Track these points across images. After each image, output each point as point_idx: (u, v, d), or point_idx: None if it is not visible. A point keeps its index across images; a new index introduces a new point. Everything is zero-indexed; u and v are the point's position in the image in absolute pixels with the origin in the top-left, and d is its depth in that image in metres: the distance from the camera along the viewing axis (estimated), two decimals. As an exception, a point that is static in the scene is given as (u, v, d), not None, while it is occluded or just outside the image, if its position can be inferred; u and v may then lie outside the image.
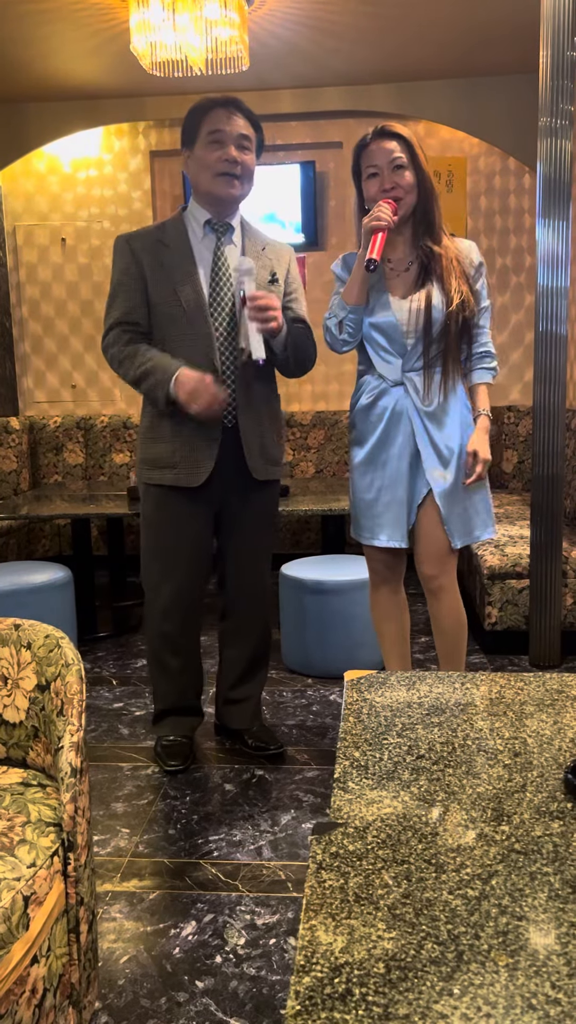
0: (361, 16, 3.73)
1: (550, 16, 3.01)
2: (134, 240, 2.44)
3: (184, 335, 2.39)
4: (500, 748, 1.09)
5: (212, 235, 2.44)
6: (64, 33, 3.82)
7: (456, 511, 2.40)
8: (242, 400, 2.42)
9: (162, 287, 2.39)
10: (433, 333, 2.34)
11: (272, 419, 2.54)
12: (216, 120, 2.35)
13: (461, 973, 0.69)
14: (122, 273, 2.43)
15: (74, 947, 1.43)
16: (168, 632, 2.56)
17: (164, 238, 2.43)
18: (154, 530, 2.53)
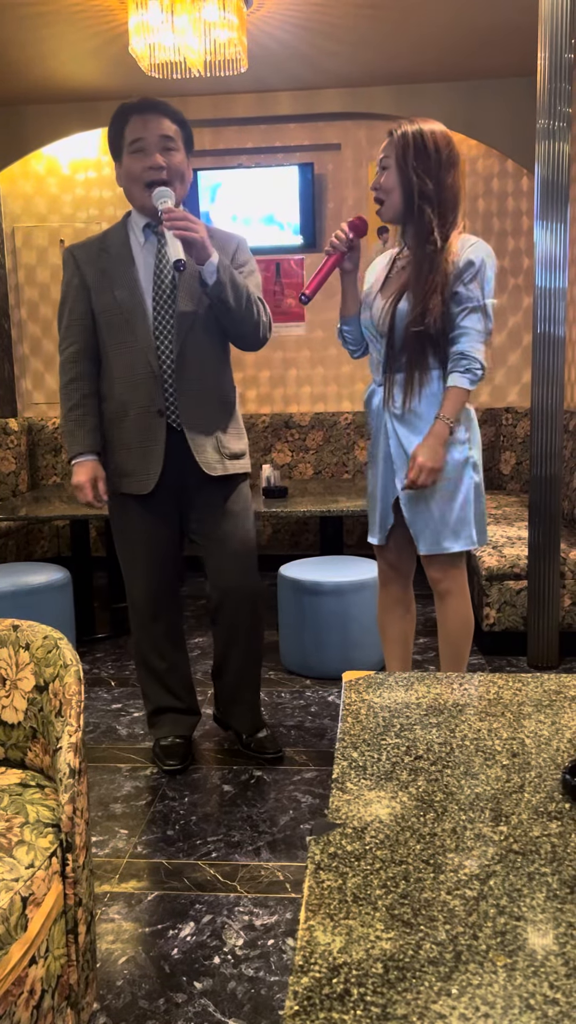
0: (359, 18, 3.74)
1: (548, 19, 3.02)
2: (78, 251, 2.45)
3: (124, 342, 2.39)
4: (498, 749, 1.09)
5: (153, 238, 2.42)
6: (63, 35, 3.82)
7: (420, 518, 2.36)
8: (184, 401, 2.40)
9: (104, 295, 2.40)
10: (395, 338, 2.31)
11: (225, 413, 2.49)
12: (135, 128, 2.31)
13: (459, 973, 0.69)
14: (66, 285, 2.46)
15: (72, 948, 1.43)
16: (148, 633, 2.59)
17: (106, 246, 2.43)
18: (119, 536, 2.59)
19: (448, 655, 2.51)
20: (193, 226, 2.21)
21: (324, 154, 4.94)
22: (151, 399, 2.39)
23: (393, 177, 2.28)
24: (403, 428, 2.36)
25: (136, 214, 2.44)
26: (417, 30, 3.87)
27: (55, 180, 5.06)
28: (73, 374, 2.45)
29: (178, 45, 3.40)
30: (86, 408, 2.46)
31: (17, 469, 4.88)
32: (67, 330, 2.46)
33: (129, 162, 2.34)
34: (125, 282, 2.38)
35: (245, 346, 2.49)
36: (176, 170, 2.34)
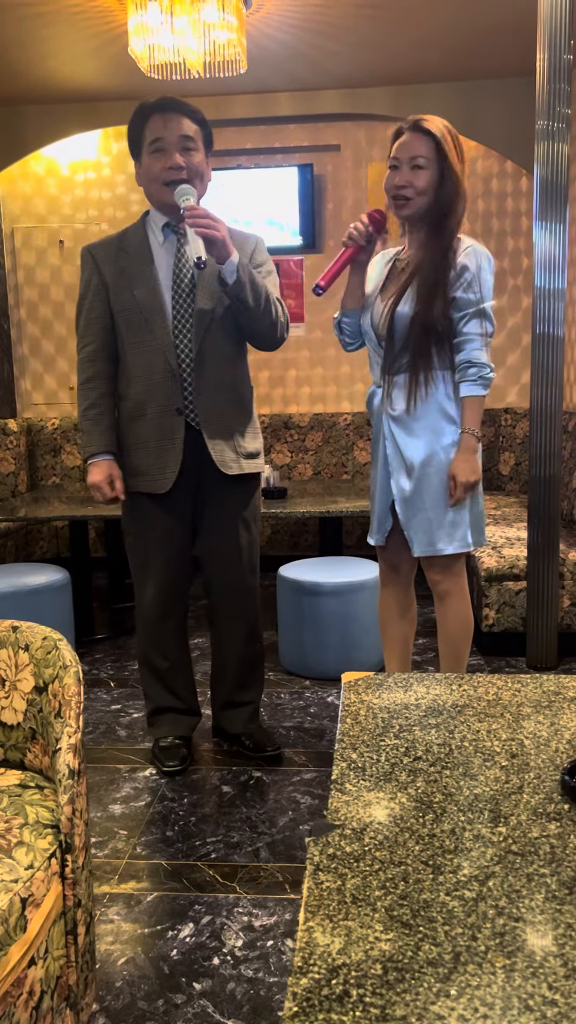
0: (359, 19, 3.74)
1: (547, 20, 3.02)
2: (96, 250, 2.45)
3: (143, 341, 2.40)
4: (497, 750, 1.09)
5: (172, 237, 2.43)
6: (62, 36, 3.82)
7: (415, 520, 2.37)
8: (202, 400, 2.40)
9: (123, 294, 2.40)
10: (396, 340, 2.30)
11: (242, 412, 2.50)
12: (155, 128, 2.32)
13: (458, 974, 0.69)
14: (85, 284, 2.46)
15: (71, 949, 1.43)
16: (152, 632, 2.59)
17: (125, 245, 2.44)
18: (132, 535, 2.58)
19: (448, 656, 2.51)
20: (215, 224, 2.22)
21: (323, 155, 4.94)
22: (169, 398, 2.39)
23: (429, 177, 2.25)
24: (400, 431, 2.35)
25: (155, 213, 2.44)
26: (416, 31, 3.88)
27: (54, 181, 5.06)
28: (90, 373, 2.46)
29: (177, 46, 3.40)
30: (102, 407, 2.46)
31: (16, 470, 4.88)
32: (85, 329, 2.46)
33: (149, 161, 2.35)
34: (144, 281, 2.39)
35: (262, 345, 2.50)
36: (195, 170, 2.35)
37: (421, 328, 2.26)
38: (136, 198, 5.03)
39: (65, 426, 5.08)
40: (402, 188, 2.27)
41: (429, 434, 2.33)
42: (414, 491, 2.35)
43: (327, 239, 5.02)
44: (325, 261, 4.98)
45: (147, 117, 2.34)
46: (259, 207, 4.90)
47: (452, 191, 2.27)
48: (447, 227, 2.28)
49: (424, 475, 2.34)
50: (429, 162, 2.25)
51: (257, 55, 4.04)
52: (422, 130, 2.26)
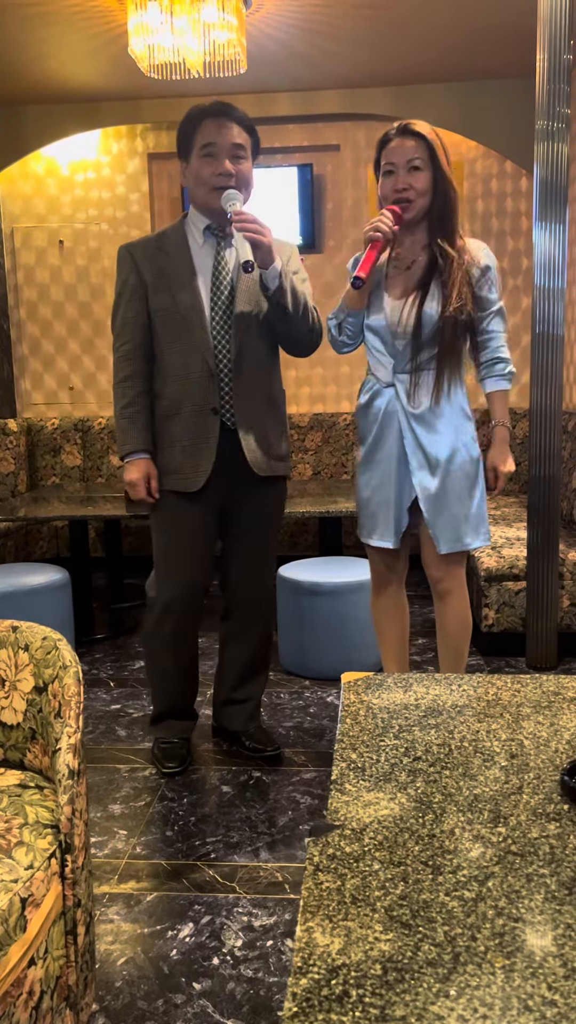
0: (358, 19, 3.74)
1: (546, 20, 3.02)
2: (135, 249, 2.46)
3: (180, 341, 2.40)
4: (497, 750, 1.09)
5: (212, 240, 2.44)
6: (62, 36, 3.82)
7: (442, 517, 2.38)
8: (239, 401, 2.42)
9: (162, 294, 2.41)
10: (423, 336, 2.31)
11: (275, 414, 2.53)
12: (208, 132, 2.34)
13: (458, 975, 0.69)
14: (123, 284, 2.47)
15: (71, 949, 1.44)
16: (165, 634, 2.57)
17: (164, 246, 2.45)
18: (160, 533, 2.56)
19: (448, 655, 2.51)
20: (262, 230, 2.26)
21: (323, 155, 4.94)
22: (206, 397, 2.40)
23: (427, 178, 2.30)
24: (421, 428, 2.36)
25: (196, 216, 2.46)
26: (416, 31, 3.88)
27: (54, 181, 5.06)
28: (128, 371, 2.46)
29: (177, 46, 3.40)
30: (139, 406, 2.46)
31: (16, 470, 4.88)
32: (122, 328, 2.46)
33: (199, 165, 2.36)
34: (184, 282, 2.40)
35: (297, 352, 2.54)
36: (244, 178, 2.38)
37: (454, 326, 2.30)
38: (136, 198, 5.03)
39: (65, 426, 5.08)
40: (403, 191, 2.30)
41: (452, 431, 2.36)
42: (440, 488, 2.36)
43: (327, 239, 5.02)
44: (325, 261, 4.98)
45: (200, 120, 2.36)
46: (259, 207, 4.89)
47: (449, 190, 2.32)
48: (452, 226, 2.34)
49: (449, 472, 2.36)
50: (425, 163, 2.30)
51: (257, 55, 4.04)
52: (413, 133, 2.31)
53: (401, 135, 2.31)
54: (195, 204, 2.44)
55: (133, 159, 5.00)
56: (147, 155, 4.99)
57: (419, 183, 2.29)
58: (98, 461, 5.06)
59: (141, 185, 5.02)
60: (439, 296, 2.31)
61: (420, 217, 2.34)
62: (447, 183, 2.32)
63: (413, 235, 2.38)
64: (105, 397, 5.20)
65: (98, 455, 5.05)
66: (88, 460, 5.07)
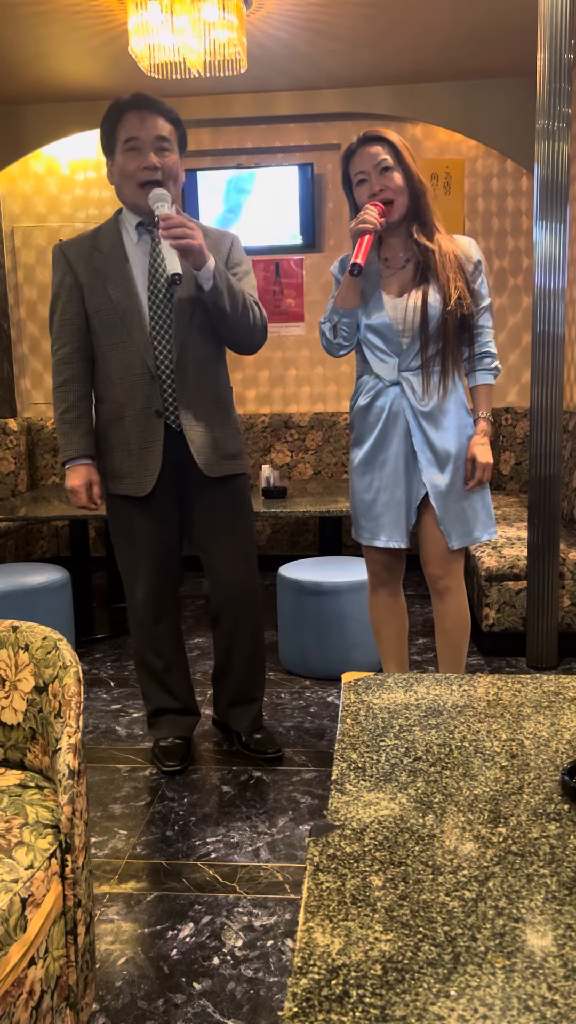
0: (359, 19, 3.74)
1: (547, 19, 3.02)
2: (69, 248, 2.42)
3: (121, 343, 2.37)
4: (497, 750, 1.09)
5: (147, 236, 2.40)
6: (62, 35, 3.82)
7: (453, 512, 2.39)
8: (183, 402, 2.39)
9: (98, 295, 2.38)
10: (430, 331, 2.33)
11: (221, 413, 2.48)
12: (130, 127, 2.29)
13: (458, 975, 0.69)
14: (58, 285, 2.42)
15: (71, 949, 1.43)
16: (146, 634, 2.59)
17: (99, 243, 2.41)
18: (117, 538, 2.57)
19: (447, 654, 2.51)
20: (191, 233, 2.20)
21: (324, 154, 4.94)
22: (149, 400, 2.38)
23: (399, 177, 2.32)
24: (429, 425, 2.37)
25: (128, 212, 2.42)
26: (417, 30, 3.87)
27: (54, 180, 5.06)
28: (67, 376, 2.43)
29: (178, 45, 3.40)
30: (80, 411, 2.44)
31: (16, 469, 4.88)
32: (60, 330, 2.42)
33: (123, 160, 2.32)
34: (120, 281, 2.36)
35: (241, 350, 2.49)
36: (170, 171, 2.32)
37: (457, 318, 2.33)
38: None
39: (65, 425, 5.08)
40: (381, 192, 2.32)
41: (456, 426, 2.39)
42: (451, 484, 2.38)
43: (327, 238, 5.02)
44: (326, 260, 4.98)
45: (121, 114, 2.31)
46: (259, 206, 4.90)
47: (420, 186, 2.36)
48: (428, 221, 2.37)
49: (458, 467, 2.39)
50: (394, 163, 2.32)
51: (257, 54, 4.04)
52: (375, 138, 2.33)
53: (364, 143, 2.34)
54: (124, 201, 2.39)
55: (133, 158, 5.00)
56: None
57: (393, 182, 2.32)
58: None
59: (141, 184, 5.01)
60: (437, 291, 2.33)
61: (402, 216, 2.36)
62: (417, 181, 2.35)
63: (398, 236, 2.40)
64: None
65: (98, 455, 5.05)
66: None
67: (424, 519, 2.43)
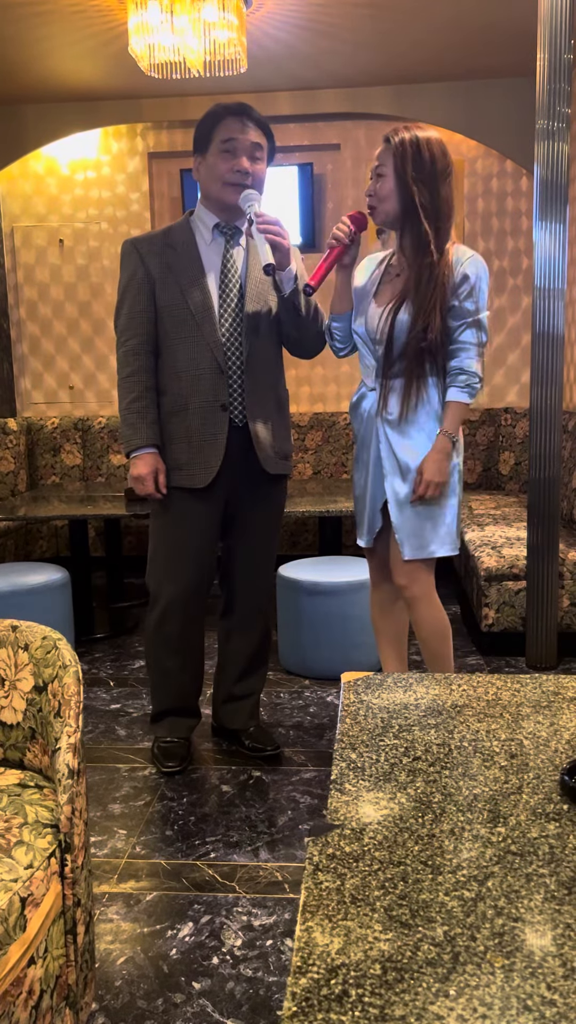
0: (359, 19, 3.74)
1: (547, 19, 3.02)
2: (141, 244, 2.45)
3: (190, 337, 2.41)
4: (496, 750, 1.09)
5: (220, 239, 2.45)
6: (62, 35, 3.82)
7: (409, 523, 2.37)
8: (250, 398, 2.44)
9: (170, 291, 2.41)
10: (394, 348, 2.31)
11: (281, 413, 2.55)
12: (229, 129, 2.35)
13: (457, 975, 0.69)
14: (129, 278, 2.45)
15: (71, 948, 1.44)
16: (168, 632, 2.56)
17: (171, 242, 2.45)
18: (163, 530, 2.54)
19: (430, 661, 2.51)
20: (283, 232, 2.29)
21: (323, 154, 4.94)
22: (215, 393, 2.40)
23: (390, 185, 2.27)
24: (395, 434, 2.36)
25: (204, 212, 2.45)
26: (417, 30, 3.87)
27: (54, 180, 5.06)
28: (135, 366, 2.45)
29: (178, 45, 3.40)
30: (147, 401, 2.45)
31: (16, 469, 4.88)
32: (128, 322, 2.45)
33: (215, 159, 2.37)
34: (192, 279, 2.41)
35: (303, 353, 2.55)
36: (259, 179, 2.39)
37: (419, 338, 2.27)
38: (136, 197, 5.02)
39: (65, 425, 5.08)
40: (370, 196, 2.33)
41: (424, 438, 2.35)
42: (408, 495, 2.36)
43: (327, 238, 5.01)
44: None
45: (223, 116, 2.37)
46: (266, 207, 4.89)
47: (412, 200, 2.24)
48: (423, 236, 2.26)
49: None
50: (387, 170, 2.28)
51: (257, 54, 4.04)
52: (385, 139, 2.31)
53: (384, 140, 2.32)
54: (207, 199, 2.44)
55: (133, 158, 5.00)
56: (147, 154, 4.99)
57: (381, 190, 2.30)
58: (98, 460, 5.06)
59: (141, 184, 5.02)
60: (409, 309, 2.27)
61: (391, 224, 2.34)
62: (409, 192, 2.24)
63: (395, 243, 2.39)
64: (105, 396, 5.20)
65: (98, 454, 5.05)
66: (88, 459, 5.07)
67: (388, 527, 2.45)
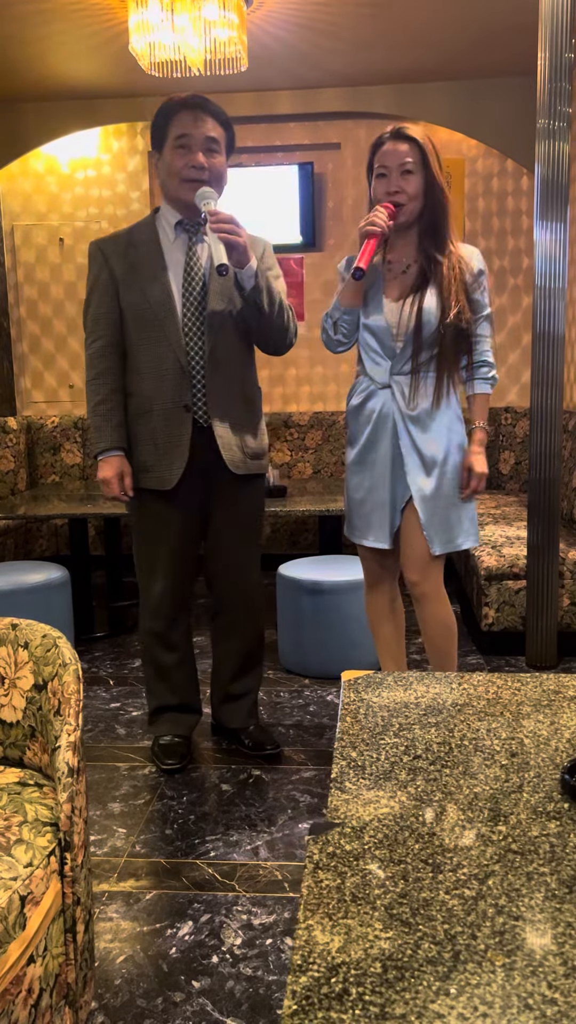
0: (359, 18, 3.74)
1: (548, 18, 3.02)
2: (105, 245, 2.45)
3: (153, 338, 2.39)
4: (497, 748, 1.09)
5: (184, 235, 2.43)
6: (63, 33, 3.82)
7: (437, 518, 2.38)
8: (213, 398, 2.41)
9: (133, 291, 2.40)
10: (423, 338, 2.32)
11: (250, 412, 2.51)
12: (183, 124, 2.32)
13: (458, 973, 0.69)
14: (94, 280, 2.46)
15: (70, 947, 1.43)
16: (159, 630, 2.59)
17: (135, 241, 2.44)
18: (138, 532, 2.58)
19: (434, 658, 2.51)
20: (238, 230, 2.24)
21: (324, 153, 4.94)
22: (179, 394, 2.39)
23: (419, 182, 2.30)
24: (417, 430, 2.36)
25: (167, 210, 2.44)
26: (417, 29, 3.87)
27: (54, 178, 5.05)
28: (100, 368, 2.45)
29: (178, 44, 3.39)
30: (113, 403, 2.45)
31: (16, 467, 4.88)
32: (94, 324, 2.45)
33: (172, 157, 2.35)
34: (155, 278, 2.39)
35: (271, 350, 2.52)
36: (216, 172, 2.36)
37: (454, 329, 2.31)
38: (136, 196, 5.02)
39: (65, 424, 5.08)
40: (395, 194, 2.31)
41: (445, 432, 2.37)
42: (436, 489, 2.37)
43: (327, 238, 5.02)
44: (326, 260, 4.98)
45: (175, 111, 2.34)
46: (259, 205, 4.89)
47: (440, 195, 2.33)
48: (443, 232, 2.35)
49: (444, 473, 2.37)
50: (417, 167, 2.30)
51: (258, 53, 4.04)
52: (406, 137, 2.31)
53: (394, 139, 2.31)
54: (167, 197, 2.42)
55: (133, 157, 5.00)
56: (147, 153, 4.99)
57: (410, 187, 2.30)
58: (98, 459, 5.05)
59: (141, 183, 5.01)
60: (437, 299, 2.31)
61: (412, 221, 2.35)
62: (438, 188, 2.32)
63: (406, 240, 2.39)
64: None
65: (98, 453, 5.05)
66: (88, 458, 5.07)
67: (407, 523, 2.43)
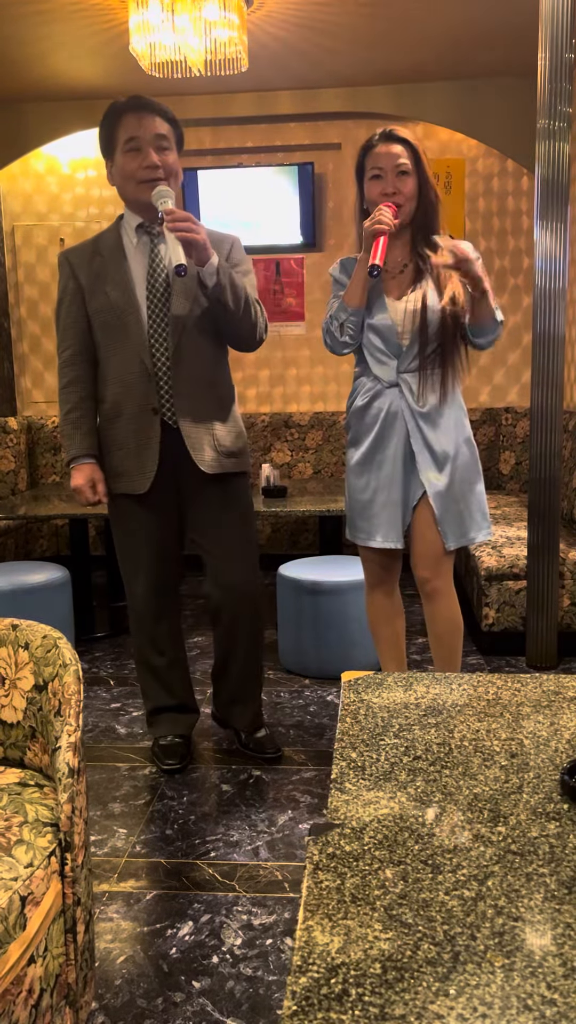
0: (359, 18, 3.74)
1: (548, 19, 3.02)
2: (72, 255, 2.46)
3: (118, 341, 2.40)
4: (497, 749, 1.09)
5: (146, 238, 2.42)
6: (63, 33, 3.82)
7: (450, 512, 2.39)
8: (179, 399, 2.40)
9: (98, 298, 2.41)
10: (429, 333, 2.33)
11: (223, 410, 2.48)
12: (130, 127, 2.32)
13: (457, 974, 0.69)
14: (62, 291, 2.47)
15: (71, 947, 1.44)
16: (147, 632, 2.60)
17: (99, 248, 2.44)
18: (119, 538, 2.59)
19: (440, 656, 2.51)
20: (195, 227, 2.22)
21: (324, 153, 4.93)
22: (146, 397, 2.39)
23: (414, 183, 2.33)
24: (427, 426, 2.38)
25: (129, 214, 2.44)
26: (418, 29, 3.87)
27: (55, 179, 5.05)
28: (70, 377, 2.46)
29: (178, 44, 3.39)
30: (83, 411, 2.47)
31: (16, 468, 4.88)
32: (63, 333, 2.47)
33: (124, 160, 2.34)
34: (118, 281, 2.39)
35: (241, 347, 2.50)
36: (170, 169, 2.35)
37: (455, 323, 2.33)
38: (137, 196, 5.02)
39: (65, 424, 5.08)
40: (393, 195, 2.32)
41: (454, 426, 2.40)
42: (449, 484, 2.38)
43: (328, 238, 5.02)
44: (326, 260, 4.98)
45: (120, 116, 2.34)
46: (260, 205, 4.89)
47: (432, 195, 2.37)
48: (435, 230, 2.40)
49: (455, 468, 2.39)
50: (411, 168, 2.32)
51: (258, 53, 4.04)
52: (398, 139, 2.32)
53: (387, 140, 2.33)
54: (126, 202, 2.42)
55: (134, 157, 4.99)
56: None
57: (407, 188, 2.32)
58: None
59: (142, 183, 5.01)
60: (436, 292, 2.34)
61: (407, 222, 2.37)
62: (431, 189, 2.36)
63: (401, 240, 2.40)
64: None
65: (98, 453, 5.05)
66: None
67: (418, 520, 2.43)
